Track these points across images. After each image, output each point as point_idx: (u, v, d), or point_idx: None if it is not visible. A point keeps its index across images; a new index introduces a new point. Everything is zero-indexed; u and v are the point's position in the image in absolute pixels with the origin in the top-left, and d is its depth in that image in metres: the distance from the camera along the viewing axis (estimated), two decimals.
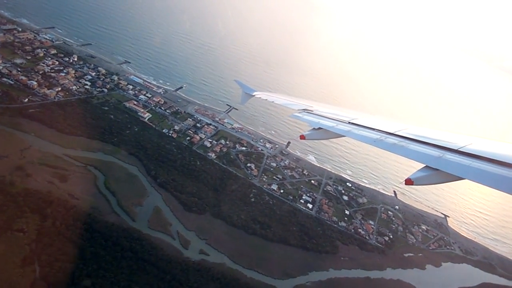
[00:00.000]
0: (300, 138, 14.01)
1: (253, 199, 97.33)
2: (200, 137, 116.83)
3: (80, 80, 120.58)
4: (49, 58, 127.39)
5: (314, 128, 14.21)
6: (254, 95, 24.35)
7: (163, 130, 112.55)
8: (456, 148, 9.26)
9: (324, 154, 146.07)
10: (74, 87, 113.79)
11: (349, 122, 13.80)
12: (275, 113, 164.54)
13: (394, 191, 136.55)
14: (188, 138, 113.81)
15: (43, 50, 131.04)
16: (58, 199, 71.54)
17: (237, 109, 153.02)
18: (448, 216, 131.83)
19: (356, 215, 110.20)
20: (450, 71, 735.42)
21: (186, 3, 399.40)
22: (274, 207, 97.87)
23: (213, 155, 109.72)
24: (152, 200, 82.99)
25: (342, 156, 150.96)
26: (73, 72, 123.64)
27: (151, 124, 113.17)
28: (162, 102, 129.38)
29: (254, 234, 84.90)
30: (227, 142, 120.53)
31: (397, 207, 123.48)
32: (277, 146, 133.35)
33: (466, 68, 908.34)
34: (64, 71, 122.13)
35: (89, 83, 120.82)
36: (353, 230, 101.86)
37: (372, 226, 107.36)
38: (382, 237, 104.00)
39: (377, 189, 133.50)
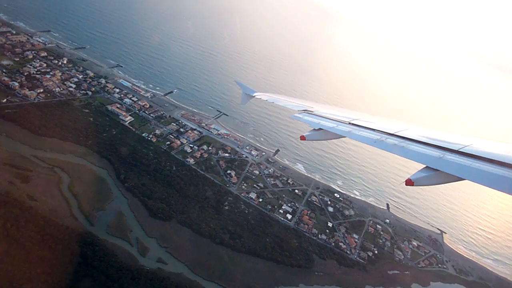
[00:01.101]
0: (300, 139, 14.16)
1: (227, 207, 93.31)
2: (181, 142, 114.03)
3: (65, 83, 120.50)
4: (38, 60, 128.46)
5: (314, 129, 14.23)
6: (254, 96, 24.07)
7: (143, 134, 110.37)
8: (456, 149, 9.18)
9: (315, 163, 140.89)
10: (58, 89, 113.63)
11: (350, 123, 13.79)
12: (268, 120, 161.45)
13: (387, 204, 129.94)
14: (168, 143, 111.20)
15: (33, 52, 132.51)
16: (15, 200, 70.04)
17: (227, 115, 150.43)
18: (445, 233, 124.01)
19: (339, 227, 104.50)
20: (452, 73, 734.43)
21: (194, 10, 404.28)
22: (249, 216, 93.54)
23: (191, 161, 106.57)
24: (116, 204, 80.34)
25: (334, 167, 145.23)
26: (60, 74, 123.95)
27: (131, 127, 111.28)
28: (148, 106, 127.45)
29: (221, 244, 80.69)
30: (210, 148, 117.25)
31: (387, 220, 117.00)
32: (263, 153, 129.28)
33: (467, 70, 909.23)
34: (51, 73, 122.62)
35: (74, 86, 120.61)
36: (333, 244, 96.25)
37: (356, 240, 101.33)
38: (366, 252, 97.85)
39: (368, 202, 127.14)
